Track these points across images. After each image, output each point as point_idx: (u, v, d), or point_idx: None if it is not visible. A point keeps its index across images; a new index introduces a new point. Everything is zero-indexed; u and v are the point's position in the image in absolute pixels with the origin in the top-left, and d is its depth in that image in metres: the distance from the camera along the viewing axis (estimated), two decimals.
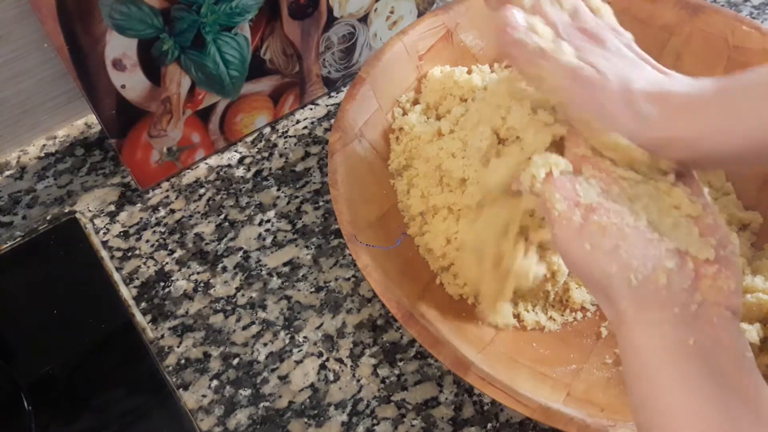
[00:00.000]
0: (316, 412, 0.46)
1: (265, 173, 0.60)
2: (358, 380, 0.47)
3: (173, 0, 0.49)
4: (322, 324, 0.50)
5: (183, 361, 0.49)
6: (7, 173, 0.60)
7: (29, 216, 0.57)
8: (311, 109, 0.64)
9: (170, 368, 0.48)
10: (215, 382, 0.48)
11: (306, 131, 0.63)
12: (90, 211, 0.57)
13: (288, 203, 0.57)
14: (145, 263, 0.54)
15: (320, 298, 0.52)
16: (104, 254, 0.54)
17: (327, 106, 0.65)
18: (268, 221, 0.56)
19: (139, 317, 0.51)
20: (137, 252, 0.55)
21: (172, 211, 0.57)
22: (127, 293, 0.52)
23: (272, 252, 0.54)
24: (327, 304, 0.51)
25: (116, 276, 0.53)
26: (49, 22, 0.45)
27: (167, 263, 0.54)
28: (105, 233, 0.56)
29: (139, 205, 0.58)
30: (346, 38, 0.62)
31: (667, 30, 0.57)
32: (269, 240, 0.55)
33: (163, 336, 0.50)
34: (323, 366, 0.48)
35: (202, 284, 0.53)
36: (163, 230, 0.56)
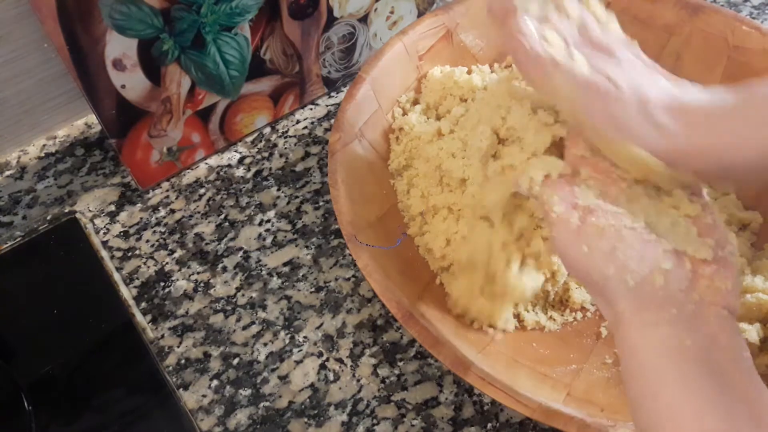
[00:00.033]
0: (316, 412, 0.46)
1: (265, 173, 0.60)
2: (358, 380, 0.47)
3: (173, 0, 0.49)
4: (322, 324, 0.50)
5: (183, 361, 0.49)
6: (7, 173, 0.60)
7: (29, 216, 0.57)
8: (311, 109, 0.64)
9: (170, 368, 0.48)
10: (215, 382, 0.48)
11: (306, 131, 0.63)
12: (90, 211, 0.57)
13: (288, 203, 0.57)
14: (145, 263, 0.54)
15: (320, 298, 0.52)
16: (104, 254, 0.54)
17: (327, 106, 0.65)
18: (268, 221, 0.56)
19: (139, 317, 0.51)
20: (137, 252, 0.55)
21: (172, 211, 0.57)
22: (127, 293, 0.52)
23: (272, 252, 0.54)
24: (327, 304, 0.51)
25: (116, 276, 0.53)
26: (49, 22, 0.45)
27: (167, 263, 0.54)
28: (105, 233, 0.56)
29: (139, 205, 0.58)
30: (346, 38, 0.62)
31: (667, 30, 0.57)
32: (269, 240, 0.55)
33: (163, 336, 0.50)
34: (323, 366, 0.48)
35: (202, 284, 0.53)
36: (163, 230, 0.56)
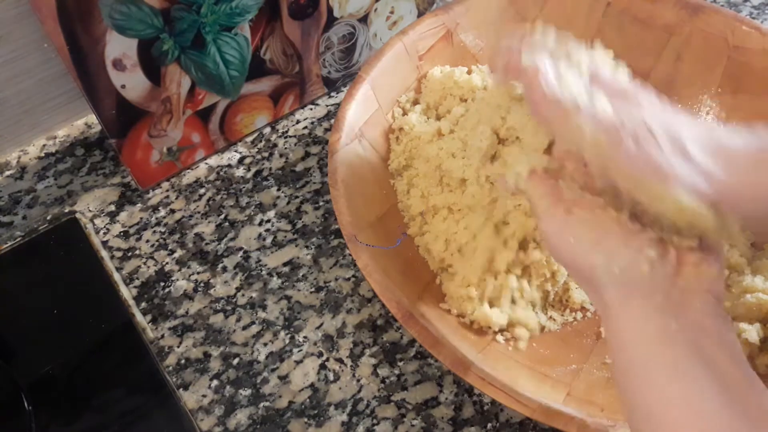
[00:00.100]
0: (316, 412, 0.46)
1: (265, 173, 0.60)
2: (358, 380, 0.47)
3: (173, 0, 0.49)
4: (322, 324, 0.50)
5: (183, 361, 0.49)
6: (8, 173, 0.60)
7: (29, 216, 0.57)
8: (311, 109, 0.64)
9: (170, 368, 0.48)
10: (215, 382, 0.48)
11: (306, 131, 0.63)
12: (90, 211, 0.57)
13: (288, 203, 0.57)
14: (145, 263, 0.54)
15: (320, 298, 0.52)
16: (104, 254, 0.54)
17: (327, 106, 0.65)
18: (268, 221, 0.56)
19: (139, 317, 0.51)
20: (137, 252, 0.55)
21: (172, 211, 0.57)
22: (127, 293, 0.52)
23: (272, 252, 0.54)
24: (327, 304, 0.51)
25: (116, 276, 0.53)
26: (49, 22, 0.45)
27: (167, 263, 0.54)
28: (105, 233, 0.56)
29: (139, 205, 0.58)
30: (346, 38, 0.62)
31: (667, 30, 0.57)
32: (269, 240, 0.55)
33: (163, 336, 0.50)
34: (323, 366, 0.48)
35: (202, 284, 0.53)
36: (163, 230, 0.56)
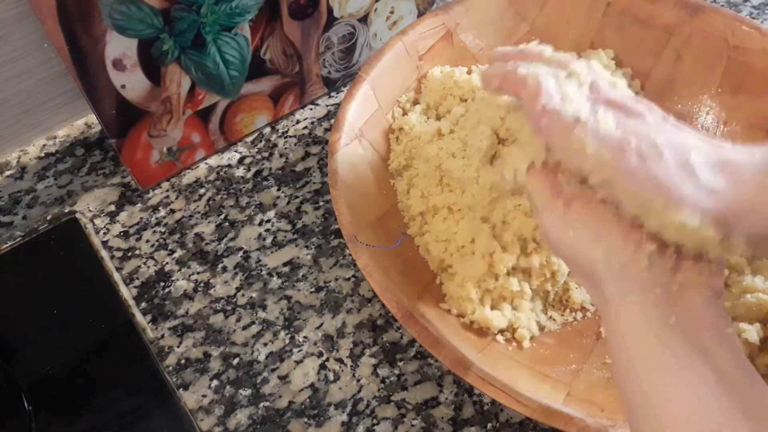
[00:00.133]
0: (316, 412, 0.46)
1: (265, 173, 0.60)
2: (358, 380, 0.47)
3: (173, 0, 0.49)
4: (322, 324, 0.50)
5: (183, 361, 0.49)
6: (8, 173, 0.60)
7: (29, 216, 0.57)
8: (311, 109, 0.64)
9: (170, 368, 0.48)
10: (215, 382, 0.48)
11: (306, 131, 0.63)
12: (90, 211, 0.57)
13: (288, 203, 0.57)
14: (145, 263, 0.54)
15: (320, 298, 0.52)
16: (104, 254, 0.54)
17: (327, 106, 0.65)
18: (268, 221, 0.56)
19: (139, 317, 0.51)
20: (137, 252, 0.55)
21: (172, 211, 0.57)
22: (127, 293, 0.52)
23: (272, 252, 0.54)
24: (327, 304, 0.51)
25: (116, 276, 0.53)
26: (49, 22, 0.45)
27: (167, 263, 0.54)
28: (105, 233, 0.56)
29: (139, 205, 0.58)
30: (346, 38, 0.62)
31: (667, 30, 0.57)
32: (269, 240, 0.55)
33: (163, 336, 0.50)
34: (323, 366, 0.48)
35: (202, 284, 0.53)
36: (163, 230, 0.56)
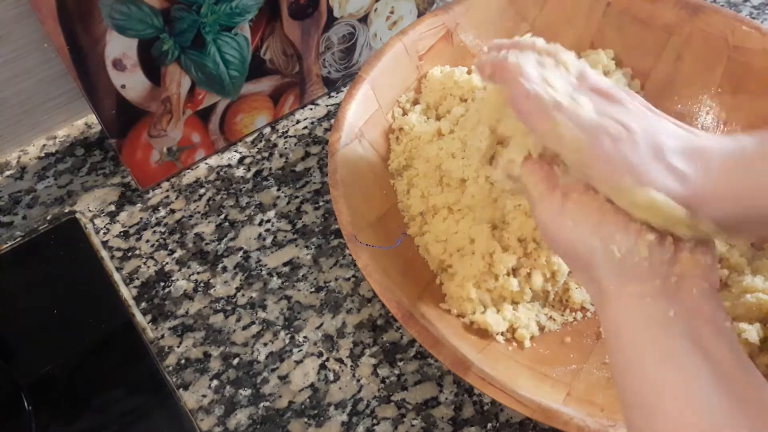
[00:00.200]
0: (316, 412, 0.46)
1: (265, 173, 0.60)
2: (358, 380, 0.47)
3: (173, 0, 0.49)
4: (322, 324, 0.50)
5: (183, 361, 0.49)
6: (8, 173, 0.60)
7: (29, 216, 0.57)
8: (311, 109, 0.64)
9: (170, 368, 0.48)
10: (215, 382, 0.48)
11: (306, 131, 0.63)
12: (90, 211, 0.57)
13: (288, 203, 0.57)
14: (145, 263, 0.54)
15: (320, 298, 0.52)
16: (104, 254, 0.54)
17: (327, 106, 0.65)
18: (268, 221, 0.56)
19: (139, 317, 0.51)
20: (137, 252, 0.55)
21: (172, 211, 0.57)
22: (127, 293, 0.52)
23: (272, 252, 0.54)
24: (327, 304, 0.51)
25: (116, 276, 0.53)
26: (49, 22, 0.45)
27: (167, 263, 0.54)
28: (105, 233, 0.56)
29: (139, 205, 0.58)
30: (346, 38, 0.62)
31: (667, 30, 0.57)
32: (269, 240, 0.55)
33: (163, 336, 0.50)
34: (323, 366, 0.48)
35: (202, 284, 0.53)
36: (163, 230, 0.56)
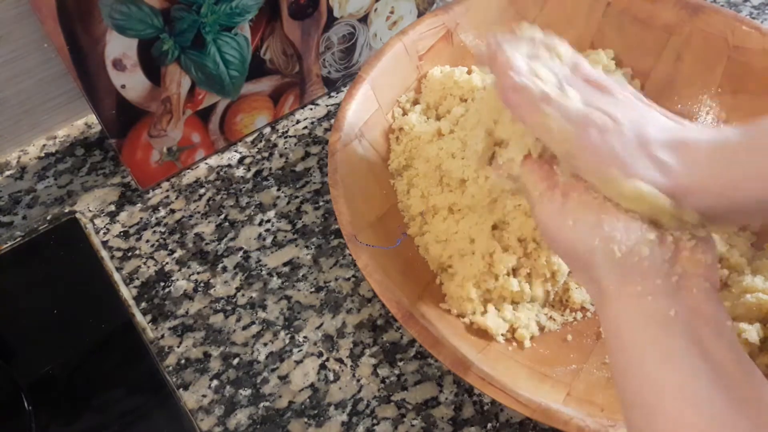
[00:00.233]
0: (316, 412, 0.46)
1: (265, 173, 0.60)
2: (358, 380, 0.47)
3: (173, 0, 0.49)
4: (322, 324, 0.50)
5: (183, 361, 0.49)
6: (7, 173, 0.60)
7: (29, 216, 0.57)
8: (311, 109, 0.64)
9: (170, 368, 0.48)
10: (215, 382, 0.48)
11: (306, 131, 0.63)
12: (90, 211, 0.57)
13: (288, 203, 0.57)
14: (145, 263, 0.54)
15: (320, 298, 0.52)
16: (104, 254, 0.54)
17: (327, 106, 0.65)
18: (268, 221, 0.56)
19: (139, 317, 0.51)
20: (137, 252, 0.55)
21: (172, 211, 0.57)
22: (127, 293, 0.52)
23: (272, 252, 0.54)
24: (327, 304, 0.51)
25: (116, 276, 0.53)
26: (49, 22, 0.45)
27: (167, 263, 0.54)
28: (105, 233, 0.56)
29: (139, 205, 0.58)
30: (346, 38, 0.62)
31: (667, 30, 0.57)
32: (269, 240, 0.55)
33: (163, 336, 0.50)
34: (323, 366, 0.48)
35: (202, 284, 0.53)
36: (163, 230, 0.56)
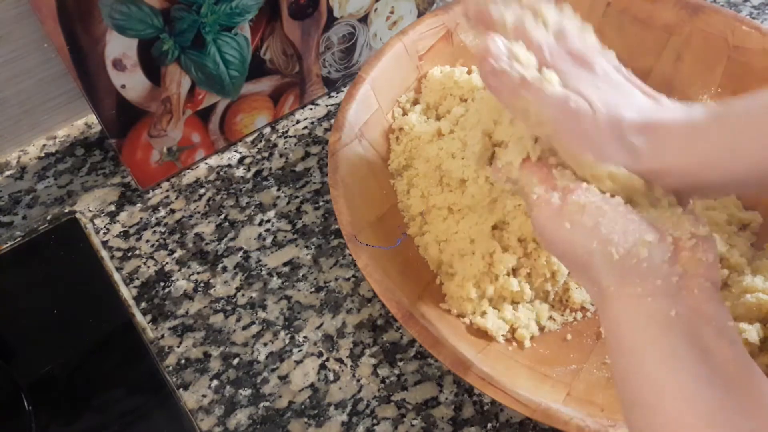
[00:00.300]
0: (316, 412, 0.46)
1: (265, 173, 0.60)
2: (358, 380, 0.47)
3: (173, 0, 0.49)
4: (322, 324, 0.50)
5: (183, 361, 0.49)
6: (8, 173, 0.60)
7: (29, 216, 0.57)
8: (311, 109, 0.64)
9: (170, 368, 0.48)
10: (215, 382, 0.48)
11: (306, 131, 0.63)
12: (90, 211, 0.57)
13: (288, 203, 0.57)
14: (145, 263, 0.54)
15: (320, 298, 0.52)
16: (104, 254, 0.54)
17: (327, 106, 0.65)
18: (268, 221, 0.56)
19: (139, 317, 0.51)
20: (137, 252, 0.55)
21: (172, 211, 0.57)
22: (127, 293, 0.52)
23: (272, 252, 0.54)
24: (327, 304, 0.51)
25: (116, 276, 0.53)
26: (49, 22, 0.45)
27: (167, 263, 0.54)
28: (105, 233, 0.56)
29: (139, 205, 0.58)
30: (346, 38, 0.62)
31: (667, 30, 0.57)
32: (269, 240, 0.55)
33: (163, 336, 0.50)
34: (323, 366, 0.48)
35: (202, 284, 0.53)
36: (163, 230, 0.56)
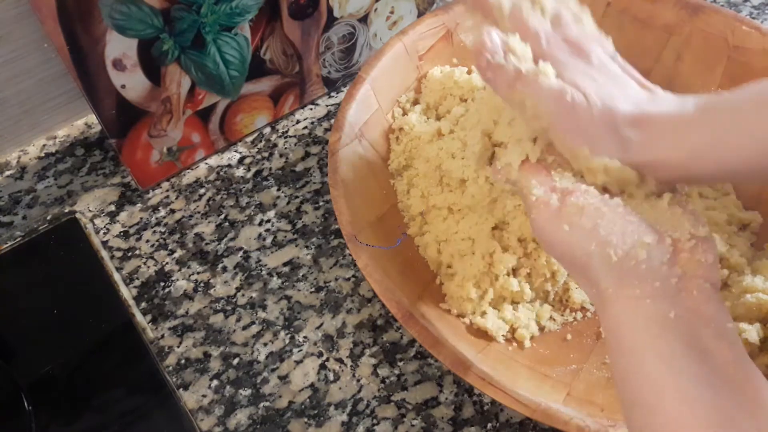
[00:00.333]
0: (316, 412, 0.46)
1: (265, 173, 0.60)
2: (358, 380, 0.47)
3: (173, 0, 0.49)
4: (322, 324, 0.50)
5: (183, 361, 0.49)
6: (7, 173, 0.60)
7: (29, 216, 0.57)
8: (311, 109, 0.64)
9: (170, 368, 0.48)
10: (215, 382, 0.48)
11: (306, 131, 0.63)
12: (90, 211, 0.57)
13: (288, 203, 0.57)
14: (145, 263, 0.54)
15: (320, 298, 0.52)
16: (104, 254, 0.54)
17: (327, 106, 0.65)
18: (268, 221, 0.56)
19: (139, 317, 0.51)
20: (137, 252, 0.55)
21: (172, 211, 0.57)
22: (127, 293, 0.52)
23: (272, 252, 0.54)
24: (327, 304, 0.51)
25: (116, 276, 0.53)
26: (49, 22, 0.45)
27: (167, 263, 0.54)
28: (105, 233, 0.56)
29: (139, 205, 0.58)
30: (346, 38, 0.62)
31: (667, 30, 0.57)
32: (269, 240, 0.55)
33: (163, 336, 0.50)
34: (323, 366, 0.48)
35: (202, 284, 0.53)
36: (163, 230, 0.56)
